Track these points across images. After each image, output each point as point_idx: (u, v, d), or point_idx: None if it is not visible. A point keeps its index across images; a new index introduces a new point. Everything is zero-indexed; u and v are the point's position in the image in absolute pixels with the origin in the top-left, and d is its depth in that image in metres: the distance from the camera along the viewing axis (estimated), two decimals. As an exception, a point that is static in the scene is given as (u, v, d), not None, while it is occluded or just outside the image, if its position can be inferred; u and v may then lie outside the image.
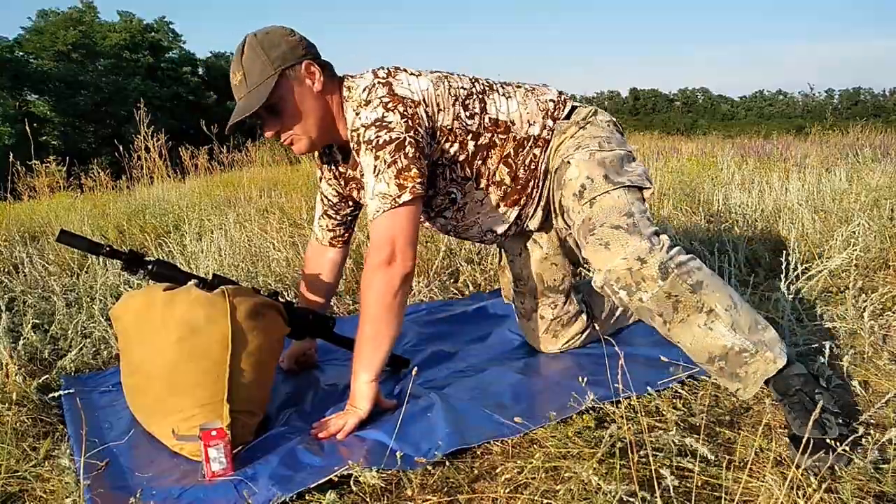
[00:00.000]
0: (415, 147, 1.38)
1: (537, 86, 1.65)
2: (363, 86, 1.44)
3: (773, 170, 5.00)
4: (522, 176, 1.57)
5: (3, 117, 23.41)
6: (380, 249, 1.37)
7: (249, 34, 1.44)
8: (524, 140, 1.55)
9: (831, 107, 62.08)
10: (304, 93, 1.43)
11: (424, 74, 1.49)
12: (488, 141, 1.52)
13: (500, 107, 1.54)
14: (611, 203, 1.42)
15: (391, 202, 1.36)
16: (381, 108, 1.39)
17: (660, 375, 1.60)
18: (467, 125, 1.49)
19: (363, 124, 1.39)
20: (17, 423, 1.48)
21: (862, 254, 2.46)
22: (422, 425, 1.39)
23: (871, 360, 1.67)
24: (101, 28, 34.58)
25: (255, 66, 1.39)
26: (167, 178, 5.64)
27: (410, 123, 1.38)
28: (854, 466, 1.17)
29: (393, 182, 1.36)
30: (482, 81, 1.58)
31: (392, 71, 1.47)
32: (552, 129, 1.57)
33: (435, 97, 1.45)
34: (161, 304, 1.36)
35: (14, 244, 3.43)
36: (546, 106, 1.59)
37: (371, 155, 1.38)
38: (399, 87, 1.42)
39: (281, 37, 1.42)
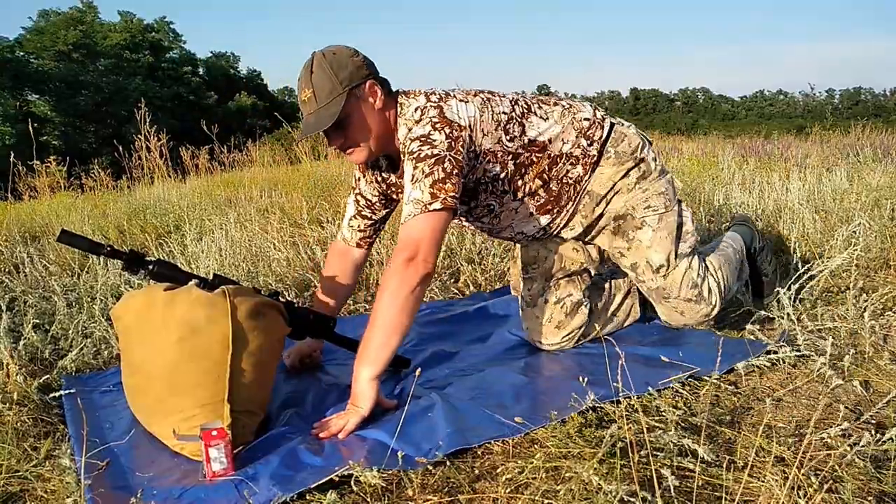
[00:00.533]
0: (453, 165, 1.48)
1: (574, 102, 1.77)
2: (415, 106, 1.56)
3: (773, 170, 4.99)
4: (555, 189, 1.71)
5: (4, 117, 23.44)
6: (404, 249, 1.44)
7: (317, 52, 1.54)
8: (558, 157, 1.68)
9: (832, 106, 62.09)
10: (367, 109, 1.55)
11: (471, 100, 1.59)
12: (526, 160, 1.66)
13: (538, 128, 1.66)
14: (679, 276, 1.76)
15: (422, 208, 1.45)
16: (429, 126, 1.51)
17: (660, 375, 1.60)
18: (508, 147, 1.62)
19: (411, 137, 1.51)
20: (18, 423, 1.48)
21: (863, 254, 2.45)
22: (423, 425, 1.39)
23: (872, 359, 1.67)
24: (101, 28, 34.60)
25: (324, 85, 1.50)
26: (168, 178, 5.64)
27: (453, 145, 1.49)
28: (855, 466, 1.17)
29: (427, 190, 1.45)
30: (521, 103, 1.68)
31: (444, 96, 1.57)
32: (587, 148, 1.70)
33: (480, 123, 1.57)
34: (162, 304, 1.36)
35: (15, 244, 3.44)
36: (581, 125, 1.70)
37: (411, 164, 1.49)
38: (448, 112, 1.53)
39: (348, 57, 1.53)
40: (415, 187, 1.46)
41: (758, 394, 1.55)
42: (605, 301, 1.96)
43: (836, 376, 1.53)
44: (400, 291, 1.42)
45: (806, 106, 68.08)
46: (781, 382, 1.60)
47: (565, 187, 1.71)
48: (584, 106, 1.75)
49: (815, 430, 1.27)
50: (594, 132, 1.71)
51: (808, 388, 1.56)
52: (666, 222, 1.75)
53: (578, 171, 1.70)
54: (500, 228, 1.79)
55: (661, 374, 1.61)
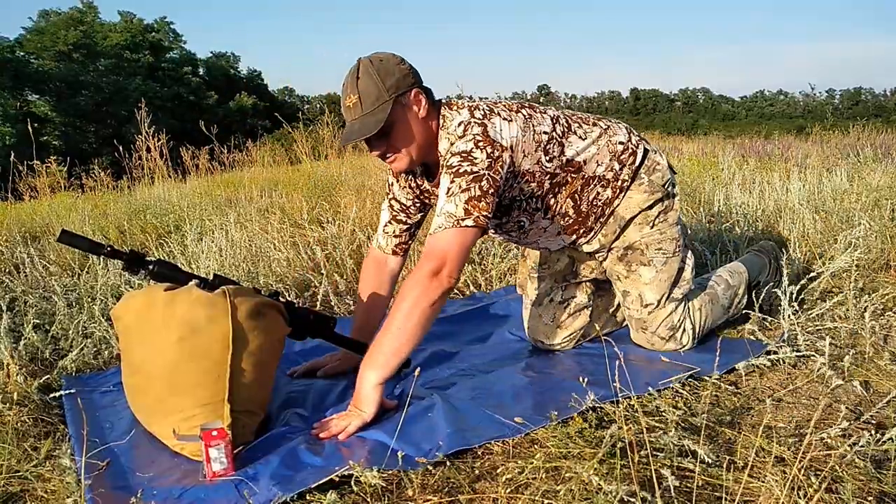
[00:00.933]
0: (490, 184, 1.47)
1: (612, 123, 1.78)
2: (458, 120, 1.54)
3: (773, 170, 4.99)
4: (584, 209, 1.71)
5: (4, 117, 23.44)
6: (430, 260, 1.44)
7: (364, 59, 1.53)
8: (591, 178, 1.69)
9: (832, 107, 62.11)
10: (412, 118, 1.54)
11: (515, 119, 1.57)
12: (561, 179, 1.66)
13: (576, 147, 1.67)
14: (662, 316, 1.79)
15: (454, 222, 1.45)
16: (472, 143, 1.49)
17: (660, 375, 1.60)
18: (546, 168, 1.63)
19: (452, 152, 1.50)
20: (19, 423, 1.48)
21: (863, 254, 2.45)
22: (423, 425, 1.39)
23: (873, 360, 1.67)
24: (101, 28, 34.62)
25: (370, 92, 1.49)
26: (168, 178, 5.64)
27: (493, 164, 1.49)
28: (855, 467, 1.17)
29: (461, 206, 1.45)
30: (562, 121, 1.67)
31: (488, 113, 1.55)
32: (618, 172, 1.71)
33: (522, 143, 1.56)
34: (162, 303, 1.36)
35: (15, 244, 3.44)
36: (615, 148, 1.71)
37: (448, 178, 1.48)
38: (492, 131, 1.52)
39: (394, 65, 1.52)
40: (449, 201, 1.46)
41: (758, 394, 1.55)
42: (607, 300, 1.97)
43: (836, 376, 1.53)
44: (420, 302, 1.42)
45: (806, 106, 68.09)
46: (781, 383, 1.60)
47: (594, 209, 1.72)
48: (621, 128, 1.76)
49: (815, 431, 1.27)
50: (627, 157, 1.72)
51: (808, 389, 1.56)
52: (669, 266, 1.77)
53: (608, 194, 1.71)
54: (526, 242, 1.82)
55: (661, 375, 1.61)
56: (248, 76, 49.04)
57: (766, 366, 1.67)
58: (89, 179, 5.94)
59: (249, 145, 8.07)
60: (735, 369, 1.65)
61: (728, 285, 1.93)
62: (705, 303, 1.85)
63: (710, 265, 2.49)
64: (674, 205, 1.78)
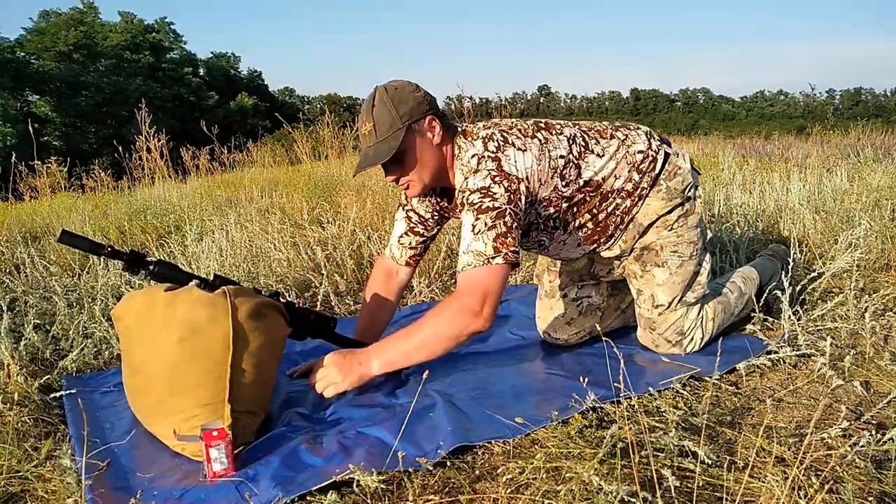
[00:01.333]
0: (513, 218, 1.48)
1: (630, 131, 1.74)
2: (472, 153, 1.53)
3: (774, 170, 4.99)
4: (603, 220, 1.71)
5: (5, 118, 23.44)
6: (472, 294, 1.45)
7: (380, 87, 1.55)
8: (609, 193, 1.69)
9: (832, 107, 62.09)
10: (425, 145, 1.55)
11: (529, 148, 1.55)
12: (579, 200, 1.66)
13: (594, 167, 1.65)
14: (672, 319, 1.78)
15: (485, 260, 1.45)
16: (488, 178, 1.49)
17: (661, 375, 1.61)
18: (563, 193, 1.63)
19: (470, 189, 1.50)
20: (19, 424, 1.48)
21: (864, 255, 2.45)
22: (424, 425, 1.39)
23: (873, 360, 1.67)
24: (102, 28, 34.63)
25: (384, 119, 1.51)
26: (168, 178, 5.64)
27: (512, 198, 1.49)
28: (856, 467, 1.17)
29: (490, 244, 1.45)
30: (579, 140, 1.65)
31: (502, 144, 1.54)
32: (638, 182, 1.70)
33: (537, 173, 1.55)
34: (162, 304, 1.36)
35: (15, 244, 3.44)
36: (634, 159, 1.69)
37: (472, 216, 1.48)
38: (506, 164, 1.51)
39: (409, 93, 1.54)
40: (477, 239, 1.46)
41: (758, 394, 1.55)
42: (619, 298, 1.99)
43: (836, 377, 1.53)
44: (453, 328, 1.45)
45: (806, 106, 68.07)
46: (782, 383, 1.60)
47: (613, 218, 1.72)
48: (640, 135, 1.73)
49: (816, 431, 1.27)
50: (647, 165, 1.70)
51: (808, 389, 1.56)
52: (685, 269, 1.76)
53: (627, 203, 1.71)
54: (547, 254, 1.84)
55: (661, 375, 1.61)
56: (249, 76, 49.08)
57: (766, 366, 1.67)
58: (90, 180, 5.94)
59: (250, 146, 8.07)
60: (735, 369, 1.65)
61: (741, 293, 1.92)
62: (718, 312, 1.85)
63: (712, 265, 2.48)
64: (695, 208, 1.76)
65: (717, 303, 1.86)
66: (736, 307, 1.90)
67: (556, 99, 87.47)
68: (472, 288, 1.45)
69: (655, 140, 1.75)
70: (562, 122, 1.69)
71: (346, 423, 1.43)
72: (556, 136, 1.62)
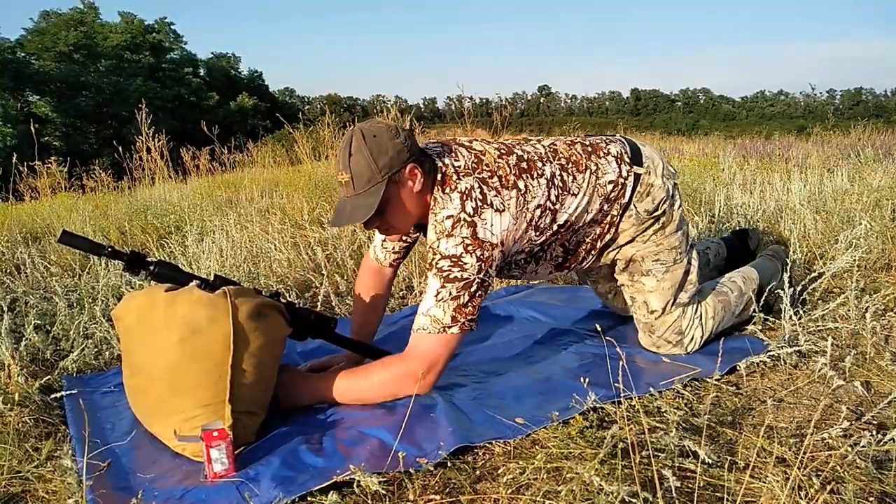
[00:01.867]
0: (479, 286, 1.47)
1: (601, 158, 1.68)
2: (448, 213, 1.47)
3: (774, 170, 4.99)
4: (574, 249, 1.73)
5: (5, 118, 23.45)
6: (418, 361, 1.46)
7: (357, 132, 1.46)
8: (580, 227, 1.68)
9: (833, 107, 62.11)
10: (406, 194, 1.49)
11: (507, 206, 1.50)
12: (552, 239, 1.65)
13: (568, 210, 1.62)
14: (669, 321, 1.79)
15: (440, 328, 1.44)
16: (461, 247, 1.45)
17: (661, 376, 1.61)
18: (535, 241, 1.61)
19: (441, 253, 1.46)
20: (20, 424, 1.48)
21: (864, 255, 2.45)
22: (424, 425, 1.39)
23: (874, 360, 1.67)
24: (102, 29, 34.65)
25: (363, 172, 1.44)
26: (168, 178, 5.64)
27: (483, 266, 1.46)
28: (856, 467, 1.17)
29: (450, 313, 1.44)
30: (557, 181, 1.59)
31: (479, 206, 1.47)
32: (608, 210, 1.69)
33: (514, 232, 1.52)
34: (163, 304, 1.36)
35: (16, 245, 3.44)
36: (605, 190, 1.66)
37: (439, 282, 1.45)
38: (482, 231, 1.47)
39: (388, 140, 1.45)
40: (438, 305, 1.44)
41: (759, 394, 1.54)
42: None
43: (837, 377, 1.53)
44: (392, 388, 1.48)
45: (807, 106, 68.08)
46: (783, 383, 1.60)
47: (584, 245, 1.73)
48: (610, 162, 1.68)
49: (817, 431, 1.27)
50: (617, 193, 1.68)
51: (809, 389, 1.56)
52: (672, 274, 1.77)
53: (598, 230, 1.71)
54: (518, 279, 1.87)
55: (662, 375, 1.61)
56: (249, 76, 49.11)
57: (767, 366, 1.67)
58: (90, 180, 5.95)
59: (250, 146, 8.07)
60: (736, 369, 1.65)
61: (741, 292, 1.92)
62: (718, 310, 1.85)
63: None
64: (672, 216, 1.75)
65: (717, 301, 1.86)
66: (736, 306, 1.90)
67: (557, 99, 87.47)
68: (421, 355, 1.46)
69: (625, 163, 1.69)
70: (543, 156, 1.62)
71: (347, 424, 1.43)
72: (536, 181, 1.56)
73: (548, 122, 44.74)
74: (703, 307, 1.83)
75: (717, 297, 1.87)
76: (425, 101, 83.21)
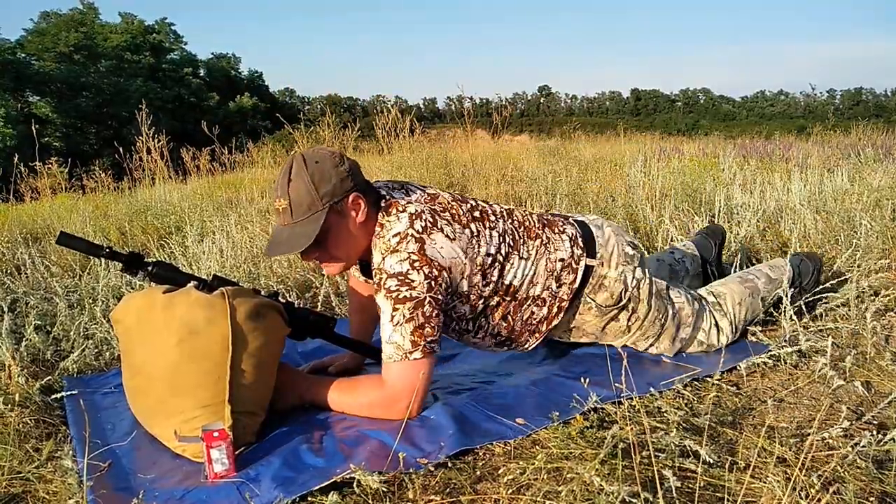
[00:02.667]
0: (433, 307, 1.40)
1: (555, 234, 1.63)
2: (396, 230, 1.41)
3: (774, 170, 4.99)
4: (518, 329, 1.62)
5: (6, 119, 23.46)
6: (395, 391, 1.41)
7: (298, 158, 1.41)
8: (525, 299, 1.59)
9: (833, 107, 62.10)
10: (348, 224, 1.43)
11: (459, 237, 1.45)
12: (495, 302, 1.56)
13: (515, 271, 1.55)
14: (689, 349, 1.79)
15: (403, 355, 1.39)
16: (407, 263, 1.38)
17: (662, 376, 1.60)
18: (482, 291, 1.52)
19: (387, 272, 1.39)
20: (20, 425, 1.48)
21: (865, 255, 2.45)
22: (425, 426, 1.39)
23: (874, 360, 1.67)
24: (102, 29, 34.67)
25: (302, 200, 1.38)
26: (169, 179, 5.65)
27: (433, 285, 1.40)
28: (857, 467, 1.17)
29: (408, 338, 1.39)
30: (508, 239, 1.55)
31: (430, 226, 1.43)
32: (556, 291, 1.60)
33: (461, 265, 1.45)
34: (161, 306, 1.36)
35: (16, 245, 3.44)
36: (553, 266, 1.59)
37: (390, 305, 1.39)
38: (430, 249, 1.40)
39: (332, 167, 1.39)
40: (396, 330, 1.39)
41: (759, 394, 1.54)
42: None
43: (837, 377, 1.53)
44: (374, 411, 1.44)
45: (807, 106, 68.10)
46: (783, 383, 1.60)
47: (528, 326, 1.62)
48: (564, 241, 1.62)
49: (817, 431, 1.27)
50: (566, 275, 1.60)
51: (809, 389, 1.56)
52: (667, 333, 1.74)
53: (544, 312, 1.61)
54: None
55: (663, 375, 1.61)
56: (249, 77, 49.14)
57: (767, 366, 1.67)
58: (90, 181, 5.95)
59: (250, 146, 8.09)
60: (737, 368, 1.65)
61: (769, 279, 1.89)
62: (745, 297, 1.83)
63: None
64: (639, 296, 1.67)
65: (744, 288, 1.85)
66: (766, 291, 1.87)
67: (557, 99, 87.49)
68: (395, 385, 1.41)
69: (578, 248, 1.63)
70: (498, 212, 1.59)
71: (348, 424, 1.43)
72: (489, 231, 1.52)
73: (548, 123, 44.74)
74: (724, 299, 1.81)
75: (744, 283, 1.87)
76: (425, 102, 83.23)
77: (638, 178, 4.29)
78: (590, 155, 7.55)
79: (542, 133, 27.50)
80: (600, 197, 3.89)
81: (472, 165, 5.54)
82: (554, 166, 5.87)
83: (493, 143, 8.34)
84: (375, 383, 1.47)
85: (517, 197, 4.17)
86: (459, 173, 5.25)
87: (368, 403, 1.46)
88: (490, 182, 4.65)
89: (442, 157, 5.56)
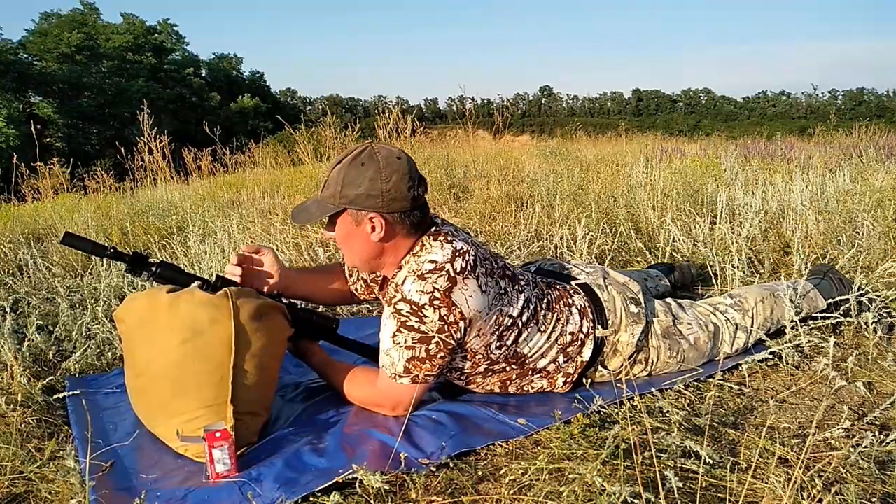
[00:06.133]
0: (440, 348, 1.37)
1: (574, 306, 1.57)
2: (434, 258, 1.37)
3: (776, 170, 4.99)
4: (513, 391, 1.58)
5: (8, 119, 23.49)
6: (384, 398, 1.46)
7: (362, 148, 1.39)
8: (530, 370, 1.54)
9: (835, 107, 62.02)
10: (358, 233, 1.42)
11: (489, 291, 1.40)
12: (499, 368, 1.52)
13: (530, 342, 1.50)
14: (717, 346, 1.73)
15: (392, 374, 1.41)
16: (427, 297, 1.34)
17: (664, 376, 1.60)
18: (491, 354, 1.48)
19: (403, 293, 1.36)
20: (23, 425, 1.49)
21: (866, 255, 2.45)
22: (426, 426, 1.39)
23: (876, 360, 1.67)
24: (104, 30, 34.69)
25: (331, 185, 1.40)
26: (170, 179, 5.65)
27: (445, 328, 1.36)
28: (859, 468, 1.17)
29: (402, 363, 1.38)
30: (532, 308, 1.50)
31: (468, 270, 1.37)
32: (562, 365, 1.55)
33: (481, 322, 1.41)
34: (164, 306, 1.36)
35: (18, 246, 3.45)
36: (564, 340, 1.54)
37: (395, 324, 1.37)
38: (458, 294, 1.35)
39: (368, 180, 1.35)
40: (394, 349, 1.38)
41: (761, 395, 1.54)
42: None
43: (839, 377, 1.53)
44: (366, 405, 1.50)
45: (809, 107, 68.08)
46: (785, 384, 1.60)
47: (521, 392, 1.58)
48: (574, 315, 1.56)
49: (819, 432, 1.27)
50: (575, 349, 1.55)
51: (811, 390, 1.56)
52: (690, 362, 1.67)
53: (544, 383, 1.56)
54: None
55: (664, 376, 1.61)
56: (251, 77, 49.17)
57: (769, 366, 1.67)
58: (92, 181, 5.96)
59: (252, 147, 8.09)
60: (738, 368, 1.65)
61: (794, 291, 1.84)
62: (766, 295, 1.81)
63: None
64: (648, 347, 1.62)
65: (763, 289, 1.84)
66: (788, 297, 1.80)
67: (558, 99, 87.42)
68: (385, 392, 1.44)
69: (588, 319, 1.56)
70: (527, 279, 1.54)
71: (349, 425, 1.43)
72: (517, 294, 1.48)
73: (549, 123, 44.70)
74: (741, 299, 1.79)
75: (761, 286, 1.87)
76: (427, 102, 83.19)
77: (639, 178, 4.28)
78: (591, 155, 7.55)
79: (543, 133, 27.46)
80: (602, 197, 3.89)
81: (473, 166, 5.55)
82: (555, 166, 5.87)
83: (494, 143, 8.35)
84: (371, 381, 1.48)
85: (518, 197, 4.17)
86: (461, 174, 5.25)
87: (364, 399, 1.51)
88: (491, 182, 4.65)
89: (443, 158, 5.56)
